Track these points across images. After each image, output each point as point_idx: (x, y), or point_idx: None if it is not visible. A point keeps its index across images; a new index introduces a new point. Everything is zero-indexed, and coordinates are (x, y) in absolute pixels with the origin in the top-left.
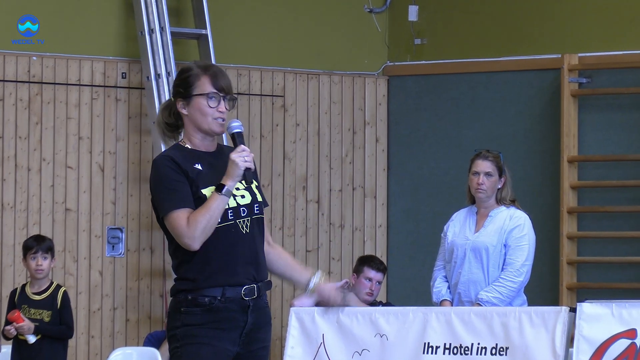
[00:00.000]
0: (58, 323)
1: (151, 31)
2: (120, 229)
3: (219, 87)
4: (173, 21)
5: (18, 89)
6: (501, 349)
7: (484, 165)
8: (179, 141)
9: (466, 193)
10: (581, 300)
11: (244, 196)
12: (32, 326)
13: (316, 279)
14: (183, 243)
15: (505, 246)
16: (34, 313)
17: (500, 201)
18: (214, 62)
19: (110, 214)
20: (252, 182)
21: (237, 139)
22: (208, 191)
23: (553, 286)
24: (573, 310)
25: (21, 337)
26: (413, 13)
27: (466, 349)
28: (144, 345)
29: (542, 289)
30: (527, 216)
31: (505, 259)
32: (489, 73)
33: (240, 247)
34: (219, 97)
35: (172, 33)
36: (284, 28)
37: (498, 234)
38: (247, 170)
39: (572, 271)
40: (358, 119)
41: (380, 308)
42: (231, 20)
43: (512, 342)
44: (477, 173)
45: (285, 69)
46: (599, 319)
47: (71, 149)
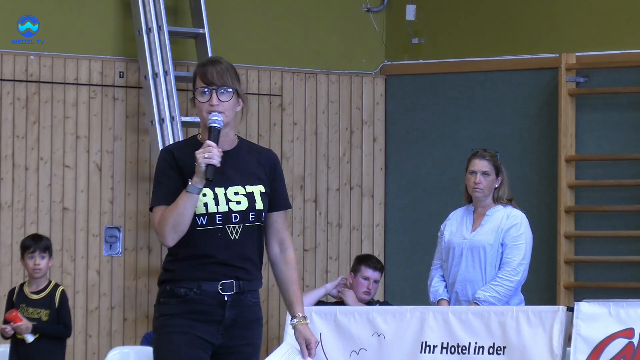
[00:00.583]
0: (56, 322)
1: (149, 30)
2: (117, 228)
3: (207, 81)
4: (170, 20)
5: (16, 88)
6: (499, 348)
7: (481, 164)
8: (197, 133)
9: (463, 192)
10: (579, 299)
11: (240, 202)
12: (30, 325)
13: (294, 323)
14: (159, 239)
15: (502, 245)
16: (32, 312)
17: (497, 200)
18: None
19: (107, 213)
20: (211, 179)
21: (212, 134)
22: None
23: (550, 285)
24: (570, 309)
25: (19, 337)
26: (410, 12)
27: (464, 348)
28: (142, 344)
29: (540, 288)
30: (524, 215)
31: (502, 258)
32: (487, 72)
33: (223, 252)
34: (209, 91)
35: (170, 32)
36: (282, 27)
37: (495, 233)
38: (210, 167)
39: (570, 270)
40: (355, 118)
41: (377, 307)
42: (229, 19)
43: (510, 342)
44: (474, 172)
45: (282, 68)
46: (597, 318)
47: (69, 148)
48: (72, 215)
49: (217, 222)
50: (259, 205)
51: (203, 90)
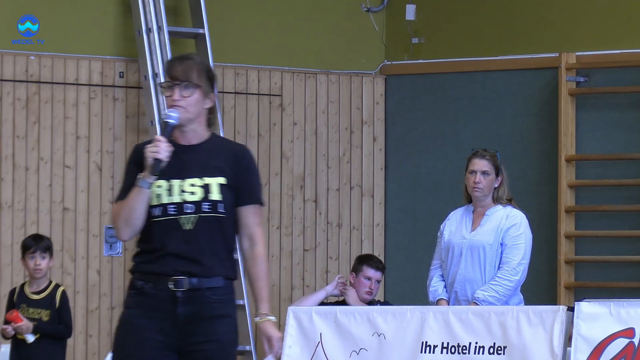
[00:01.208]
0: (57, 322)
1: (149, 30)
2: None
3: (171, 76)
4: (170, 20)
5: (16, 89)
6: (499, 348)
7: (481, 164)
8: None
9: (463, 192)
10: (579, 299)
11: (194, 193)
12: (31, 325)
13: (257, 321)
14: (114, 234)
15: (501, 245)
16: (33, 312)
17: (496, 200)
18: (212, 61)
19: (107, 213)
20: (158, 175)
21: (165, 129)
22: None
23: (551, 285)
24: (571, 309)
25: (20, 337)
26: (410, 12)
27: (464, 348)
28: None
29: (540, 288)
30: (524, 215)
31: (501, 258)
32: (487, 72)
33: (176, 242)
34: (172, 85)
35: (170, 32)
36: (282, 27)
37: (495, 233)
38: (156, 161)
39: (570, 270)
40: (355, 118)
41: (377, 307)
42: (229, 19)
43: (510, 342)
44: (474, 172)
45: (282, 68)
46: (597, 318)
47: (69, 149)
48: (73, 215)
49: (170, 213)
50: (215, 196)
51: (164, 84)
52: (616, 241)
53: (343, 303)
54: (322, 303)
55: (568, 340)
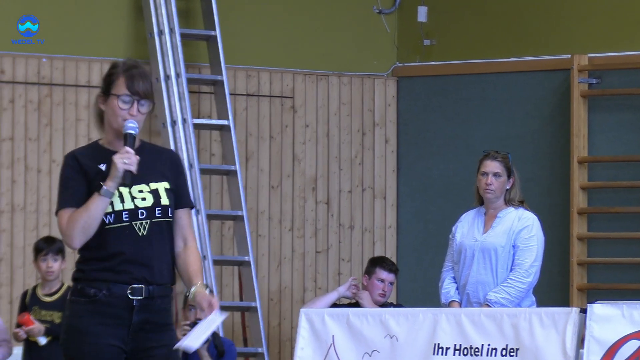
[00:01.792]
0: None
1: (160, 33)
2: None
3: (134, 91)
4: (182, 22)
5: (28, 91)
6: (511, 350)
7: (493, 165)
8: (100, 138)
9: (475, 194)
10: (592, 301)
11: (145, 199)
12: (43, 328)
13: (192, 291)
14: (64, 241)
15: (513, 247)
16: (45, 314)
17: (508, 202)
18: (223, 63)
19: None
20: (129, 185)
21: (128, 140)
22: None
23: (563, 287)
24: (583, 311)
25: (32, 339)
26: (422, 14)
27: (476, 350)
28: None
29: (553, 290)
30: (536, 217)
31: (513, 260)
32: (498, 74)
33: (132, 249)
34: (132, 100)
35: (182, 34)
36: (293, 29)
37: (507, 235)
38: (127, 172)
39: (583, 272)
40: (367, 120)
41: (390, 309)
42: (240, 21)
43: (523, 343)
44: (486, 173)
45: (294, 70)
46: (610, 320)
47: None
48: None
49: (124, 220)
50: (165, 200)
51: (126, 98)
52: (629, 243)
53: (356, 305)
54: (335, 305)
55: (580, 342)
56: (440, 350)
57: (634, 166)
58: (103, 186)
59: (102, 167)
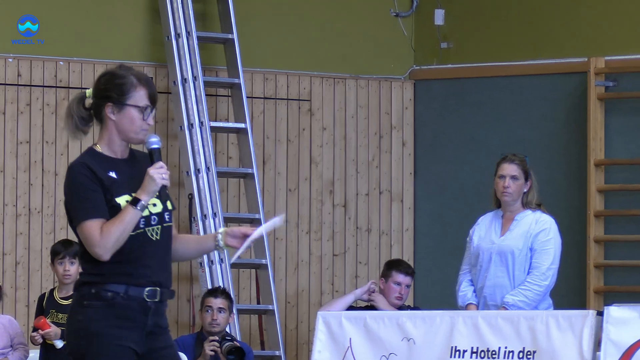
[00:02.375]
0: None
1: (177, 36)
2: None
3: (153, 100)
4: (199, 25)
5: (45, 94)
6: (528, 353)
7: (510, 168)
8: (93, 145)
9: (492, 197)
10: (608, 303)
11: (155, 204)
12: (59, 331)
13: (222, 233)
14: (94, 252)
15: (531, 250)
16: (62, 317)
17: (526, 205)
18: (241, 67)
19: None
20: (168, 199)
21: (155, 155)
22: (122, 200)
23: (580, 290)
24: (600, 313)
25: (49, 342)
26: (439, 17)
27: (493, 353)
28: None
29: (569, 293)
30: (553, 220)
31: (531, 263)
32: (515, 77)
33: (148, 253)
34: (151, 110)
35: (199, 37)
36: (311, 32)
37: (524, 238)
38: (164, 187)
39: (599, 275)
40: (384, 123)
41: (407, 312)
42: (257, 24)
43: (540, 346)
44: (503, 176)
45: (311, 73)
46: (627, 323)
47: None
48: None
49: (140, 227)
50: (170, 205)
51: (147, 108)
52: None
53: (373, 308)
54: (352, 307)
55: (597, 344)
56: (457, 352)
57: None
58: (140, 200)
59: (114, 175)
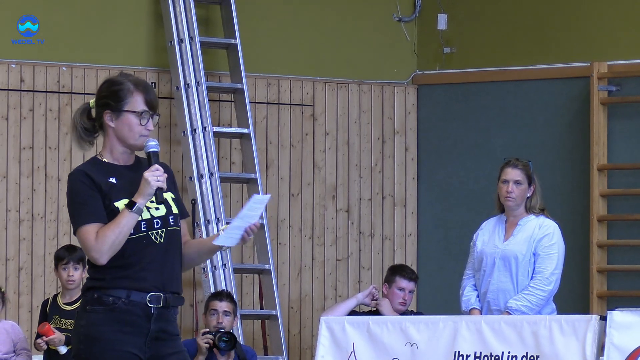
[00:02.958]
0: None
1: (180, 41)
2: None
3: (151, 106)
4: (202, 31)
5: (48, 99)
6: (532, 358)
7: (514, 173)
8: (97, 154)
9: (495, 201)
10: (612, 308)
11: (159, 208)
12: (63, 337)
13: (222, 230)
14: (91, 257)
15: (534, 255)
16: (66, 323)
17: (529, 210)
18: (243, 72)
19: None
20: (163, 201)
21: (152, 158)
22: (121, 204)
23: (583, 294)
24: (603, 318)
25: (53, 348)
26: (442, 22)
27: (497, 358)
28: None
29: (573, 297)
30: (557, 225)
31: (534, 268)
32: (518, 81)
33: (150, 257)
34: (149, 115)
35: (202, 43)
36: (313, 37)
37: (527, 243)
38: (159, 189)
39: (603, 279)
40: (387, 128)
41: (410, 317)
42: (260, 29)
43: (543, 351)
44: (507, 181)
45: (314, 78)
46: (630, 327)
47: None
48: None
49: (142, 230)
50: (175, 209)
51: (145, 113)
52: None
53: (376, 313)
54: (355, 312)
55: (600, 349)
56: (460, 357)
57: None
58: (135, 203)
59: (113, 180)
